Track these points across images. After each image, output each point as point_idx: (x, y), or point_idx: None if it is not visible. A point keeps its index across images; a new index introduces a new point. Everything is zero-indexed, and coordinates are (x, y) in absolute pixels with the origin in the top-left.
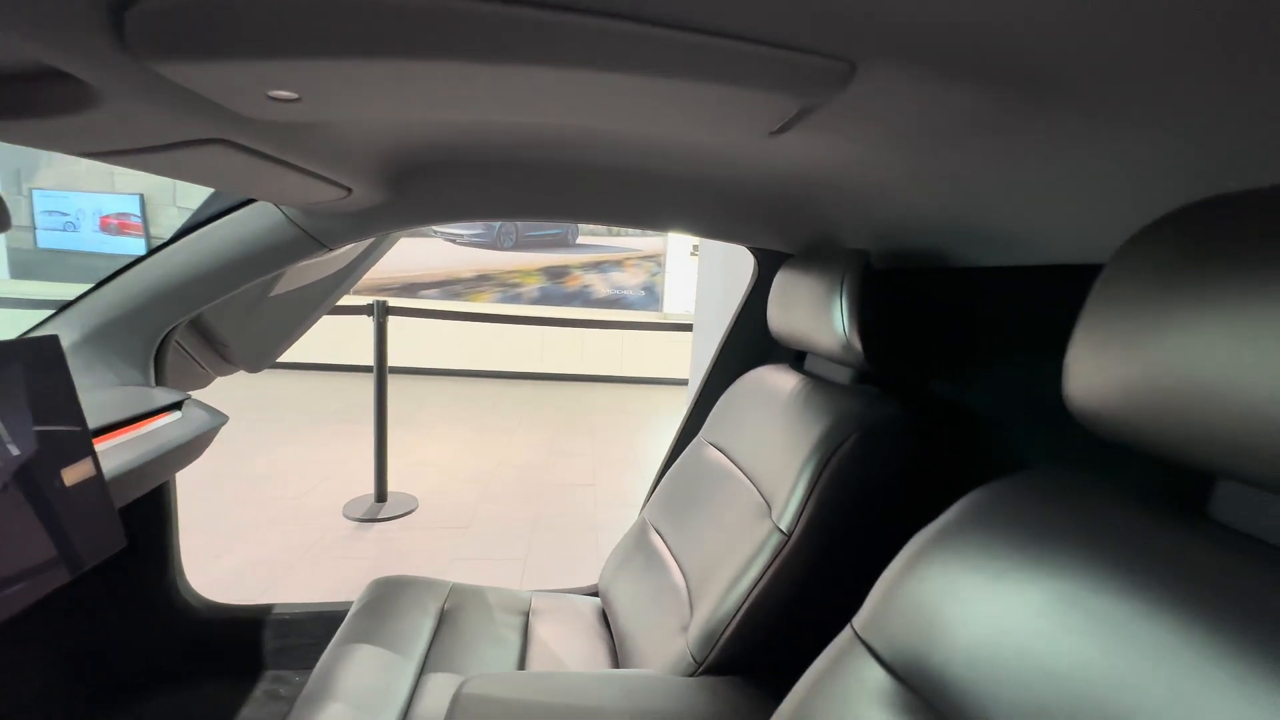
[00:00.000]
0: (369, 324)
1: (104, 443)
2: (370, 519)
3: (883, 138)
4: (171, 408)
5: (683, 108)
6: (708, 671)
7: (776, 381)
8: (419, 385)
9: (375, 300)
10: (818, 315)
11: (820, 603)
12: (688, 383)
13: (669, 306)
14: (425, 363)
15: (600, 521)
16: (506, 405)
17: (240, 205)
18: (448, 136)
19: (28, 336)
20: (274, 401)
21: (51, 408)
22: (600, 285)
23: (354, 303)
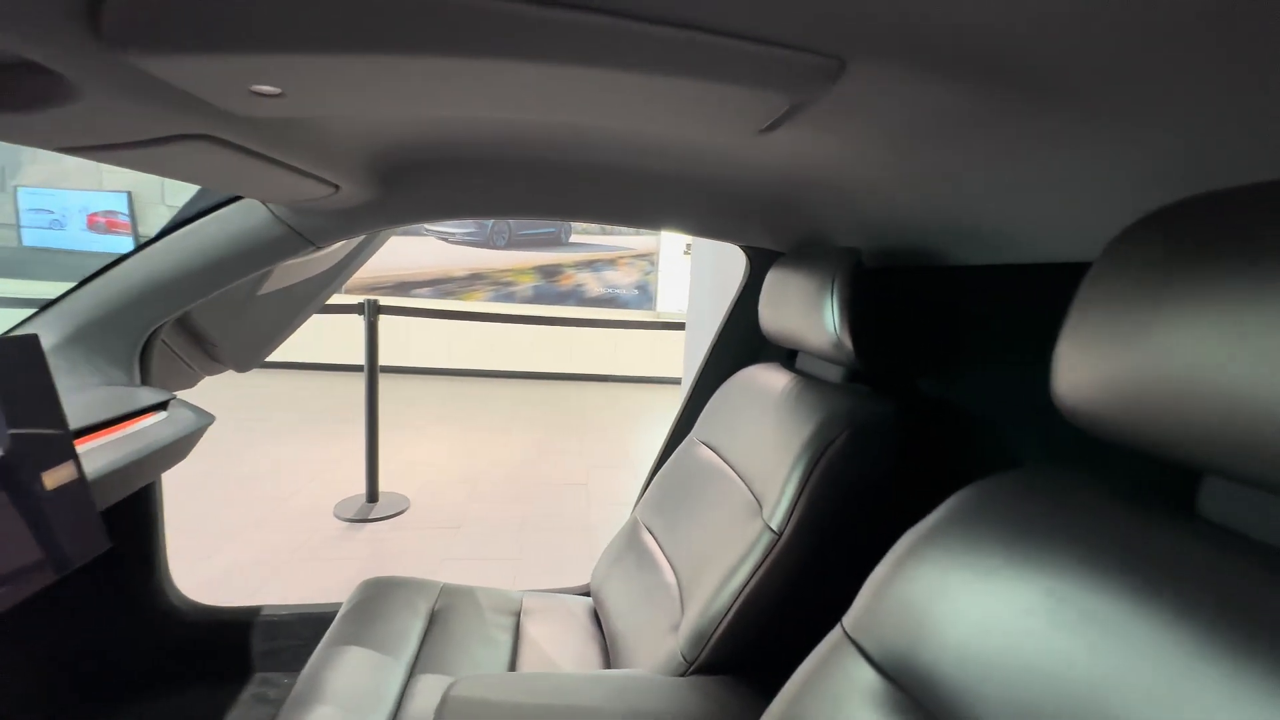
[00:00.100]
0: (361, 323)
1: (87, 443)
2: (361, 519)
3: (873, 136)
4: (157, 408)
5: (671, 105)
6: (699, 671)
7: (768, 380)
8: (411, 385)
9: (366, 299)
10: (809, 313)
11: (811, 601)
12: (681, 381)
13: (662, 305)
14: (418, 362)
15: (593, 521)
16: (499, 404)
17: (227, 202)
18: (437, 133)
19: (7, 336)
20: (264, 401)
21: (31, 409)
22: (593, 284)
23: (345, 301)
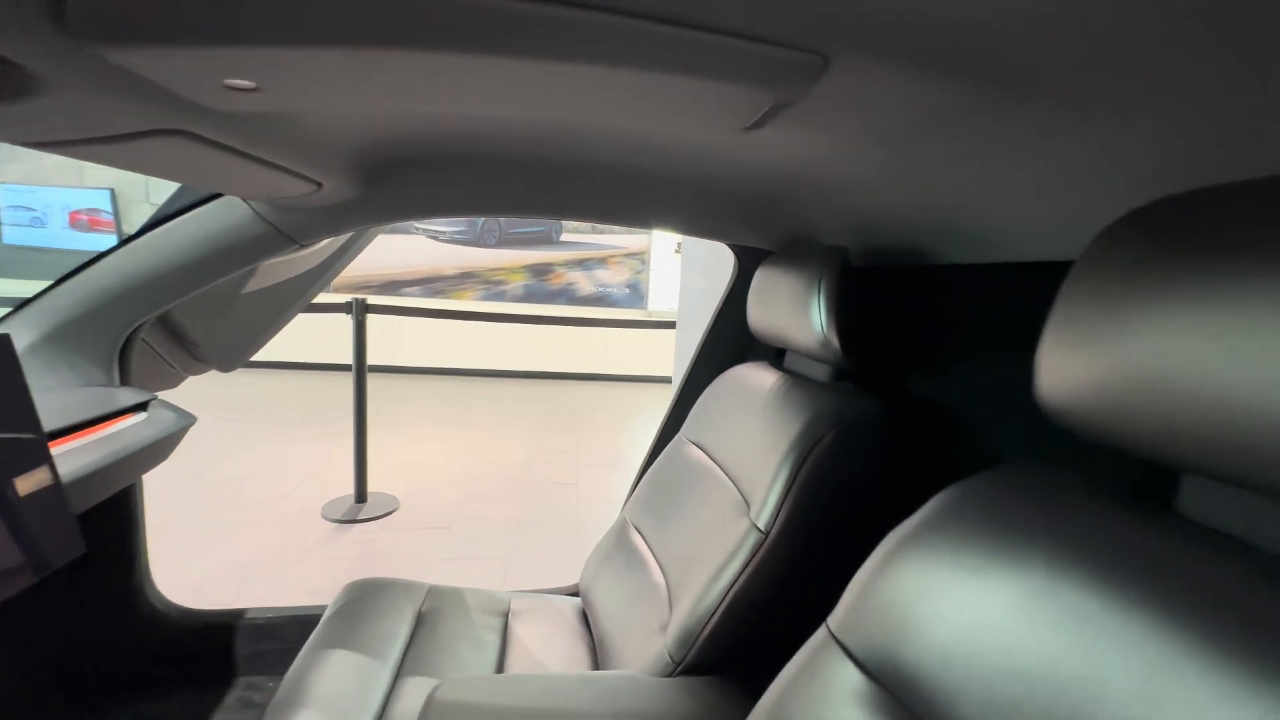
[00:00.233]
0: (350, 322)
1: (64, 445)
2: (350, 520)
3: (859, 133)
4: (137, 408)
5: (654, 101)
6: (686, 671)
7: (756, 379)
8: (401, 384)
9: (354, 298)
10: (796, 312)
11: (799, 601)
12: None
13: (653, 304)
14: (408, 361)
15: (584, 521)
16: (490, 403)
17: (208, 199)
18: (422, 129)
19: None
20: (253, 401)
21: (2, 412)
22: (584, 283)
23: (332, 300)
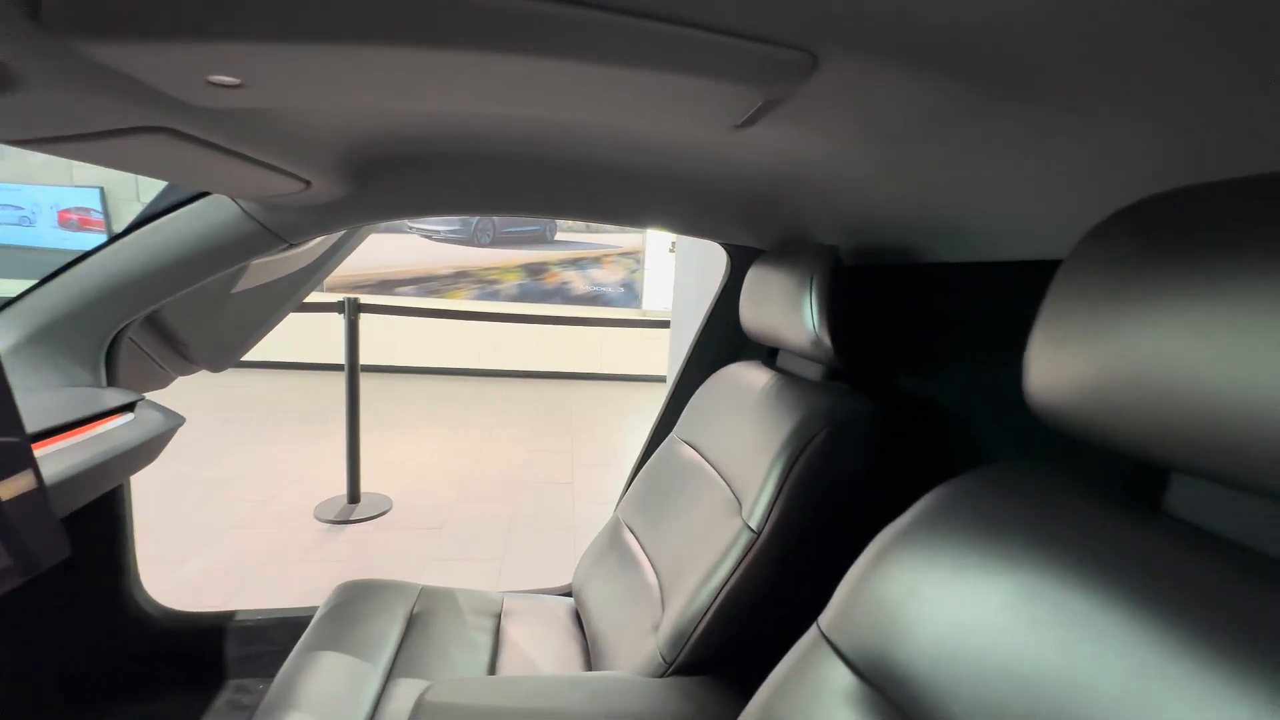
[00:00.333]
0: (343, 322)
1: (49, 446)
2: (343, 521)
3: (850, 132)
4: (124, 409)
5: (643, 98)
6: (678, 671)
7: (748, 378)
8: (395, 384)
9: (346, 297)
10: (788, 311)
11: (791, 600)
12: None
13: (648, 303)
14: (401, 361)
15: (578, 520)
16: (484, 403)
17: (197, 197)
18: (411, 127)
19: None
20: (246, 401)
21: None
22: (579, 282)
23: (325, 300)
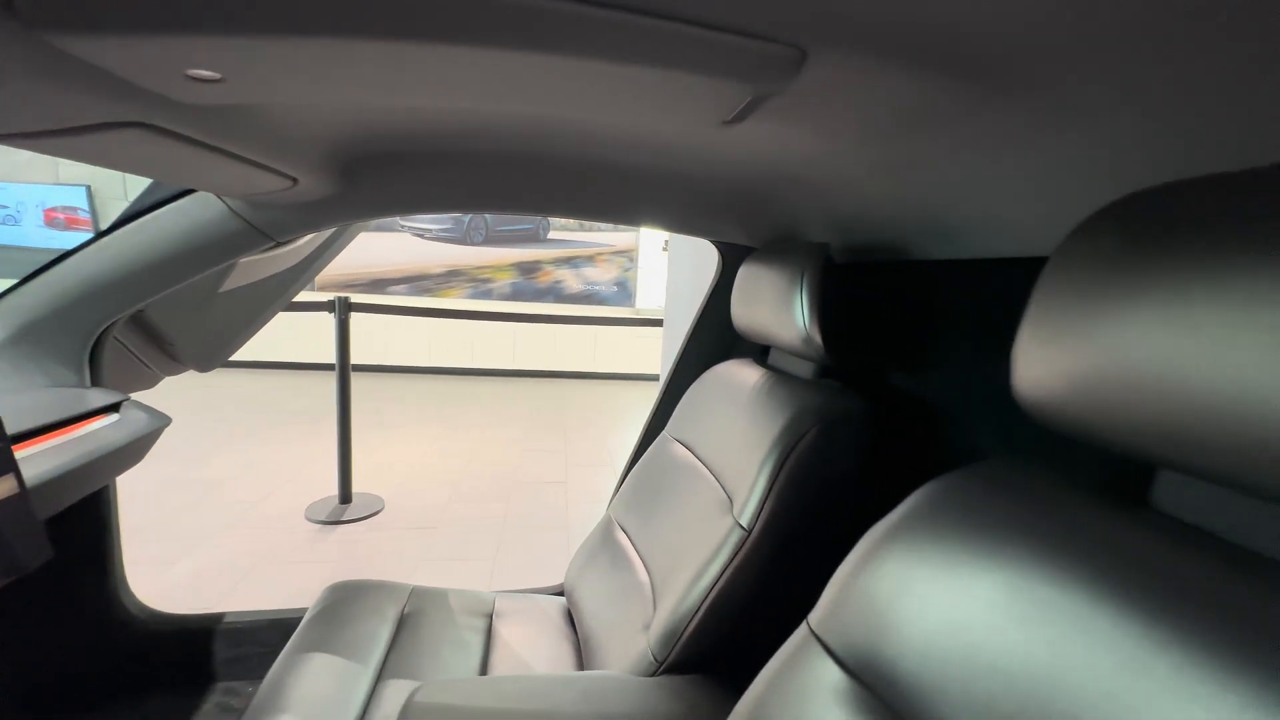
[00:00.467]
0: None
1: (30, 447)
2: (334, 521)
3: (840, 129)
4: (108, 409)
5: (630, 94)
6: (669, 670)
7: (740, 376)
8: (388, 383)
9: (337, 296)
10: (779, 309)
11: (782, 598)
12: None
13: (641, 302)
14: (394, 360)
15: (572, 519)
16: (477, 402)
17: (182, 194)
18: (399, 124)
19: None
20: (237, 401)
21: None
22: (572, 280)
23: (315, 299)
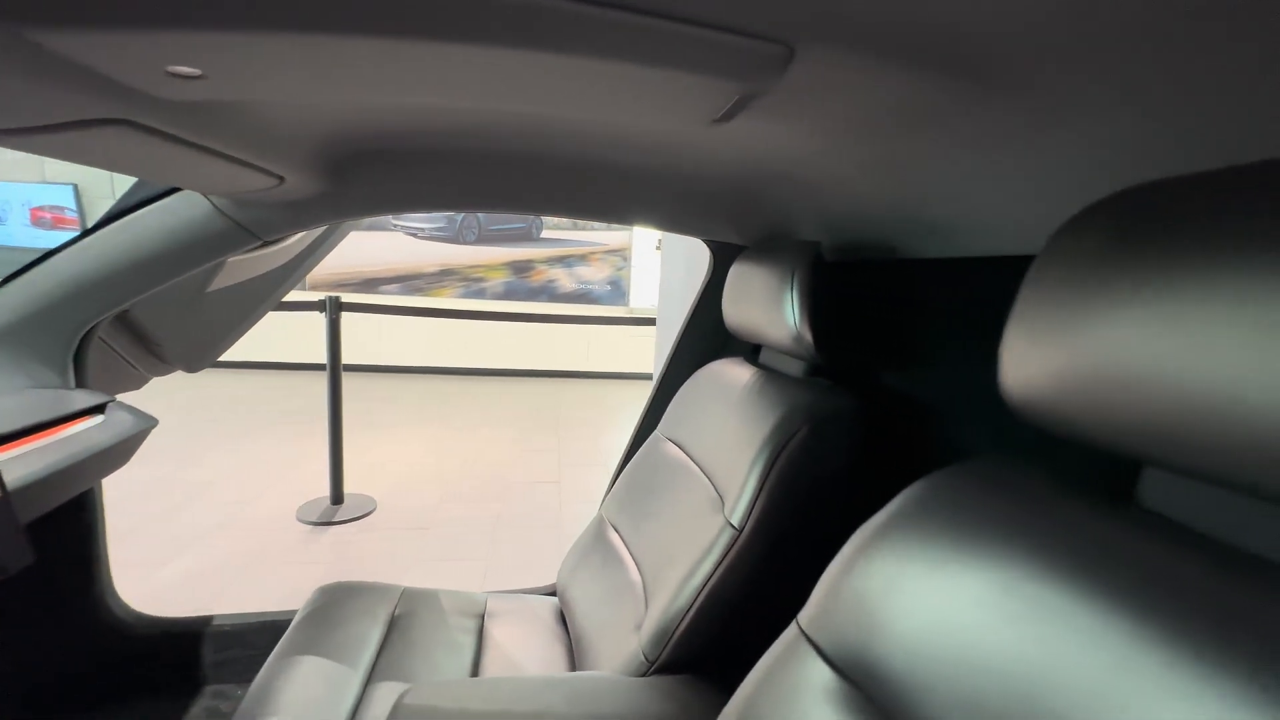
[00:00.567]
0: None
1: (13, 450)
2: (325, 522)
3: (829, 127)
4: (93, 411)
5: (618, 92)
6: (660, 670)
7: (731, 375)
8: (380, 383)
9: (328, 296)
10: (769, 308)
11: (773, 597)
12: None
13: (635, 301)
14: (386, 360)
15: (565, 519)
16: (470, 402)
17: (167, 193)
18: (387, 122)
19: None
20: (227, 402)
21: None
22: (565, 280)
23: (306, 298)
